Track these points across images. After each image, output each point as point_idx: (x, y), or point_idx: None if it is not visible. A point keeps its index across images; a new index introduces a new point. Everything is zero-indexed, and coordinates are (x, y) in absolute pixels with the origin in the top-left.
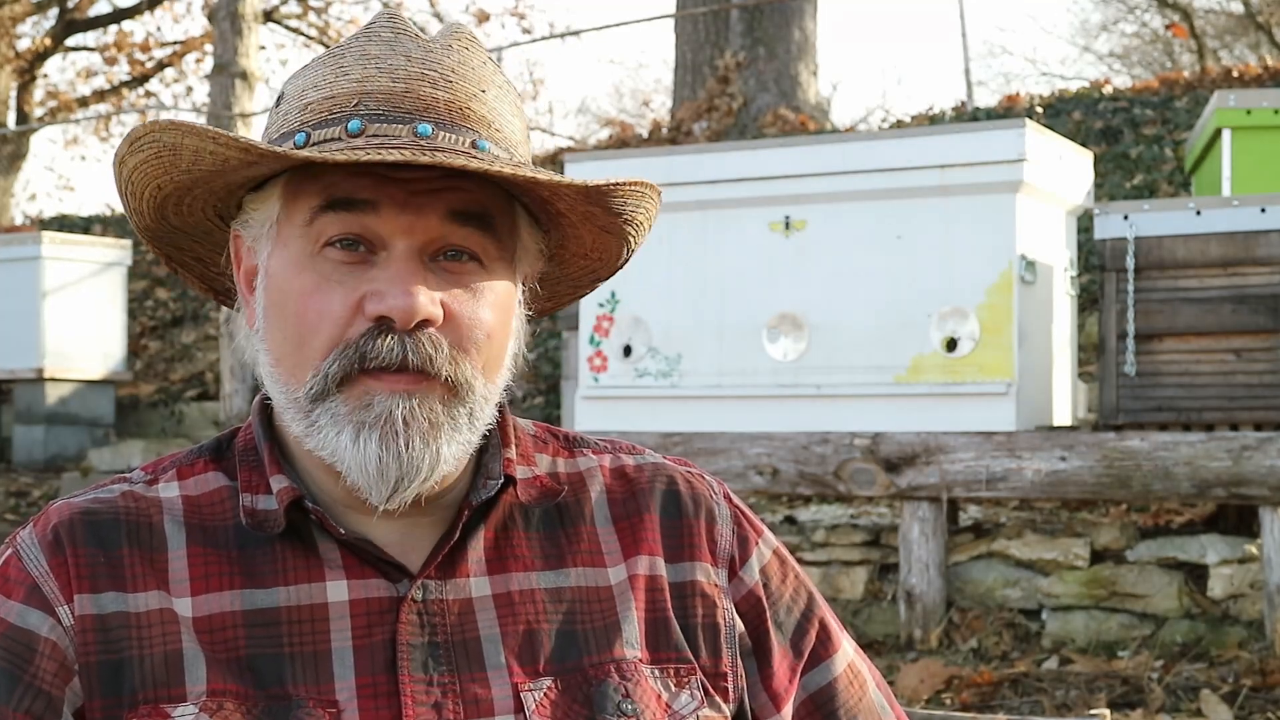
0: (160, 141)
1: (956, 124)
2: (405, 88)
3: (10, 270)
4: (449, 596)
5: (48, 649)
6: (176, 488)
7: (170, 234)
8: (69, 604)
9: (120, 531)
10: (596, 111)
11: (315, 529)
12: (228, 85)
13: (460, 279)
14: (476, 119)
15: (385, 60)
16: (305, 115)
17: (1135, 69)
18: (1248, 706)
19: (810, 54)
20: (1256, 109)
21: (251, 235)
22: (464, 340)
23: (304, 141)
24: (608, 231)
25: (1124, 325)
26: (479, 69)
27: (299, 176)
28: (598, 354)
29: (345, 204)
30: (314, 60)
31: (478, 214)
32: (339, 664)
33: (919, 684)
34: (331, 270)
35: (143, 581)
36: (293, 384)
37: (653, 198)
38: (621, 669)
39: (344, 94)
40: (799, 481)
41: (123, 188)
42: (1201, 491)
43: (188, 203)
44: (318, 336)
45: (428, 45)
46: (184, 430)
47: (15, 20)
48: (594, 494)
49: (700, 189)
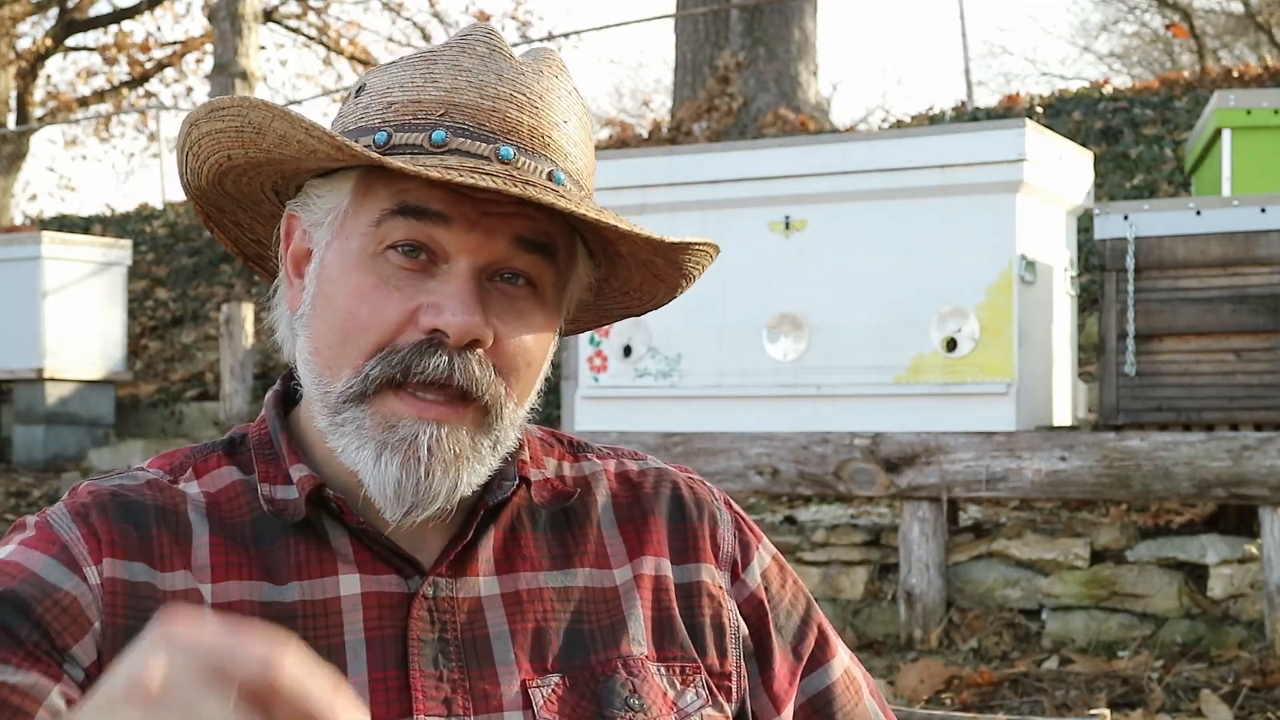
0: (245, 117)
1: (956, 124)
2: (493, 106)
3: (10, 270)
4: (459, 594)
5: (65, 600)
6: (196, 485)
7: (219, 198)
8: (97, 565)
9: (150, 514)
10: (597, 111)
11: (329, 522)
12: (228, 85)
13: (513, 303)
14: (555, 149)
15: (476, 75)
16: (388, 115)
17: (1135, 69)
18: (1248, 706)
19: (810, 54)
20: (1256, 109)
21: (310, 220)
22: (506, 366)
23: (385, 141)
24: (660, 279)
25: (1124, 325)
26: (565, 98)
27: (373, 174)
28: (598, 354)
29: (417, 212)
30: (402, 59)
31: (543, 243)
32: (351, 656)
33: (919, 684)
34: (391, 274)
35: (170, 561)
36: (327, 377)
37: (713, 256)
38: (628, 665)
39: (431, 101)
40: (799, 481)
41: (187, 147)
42: (1201, 491)
43: (249, 176)
44: (365, 337)
45: (520, 67)
46: (184, 430)
47: (15, 20)
48: (600, 498)
49: (700, 189)
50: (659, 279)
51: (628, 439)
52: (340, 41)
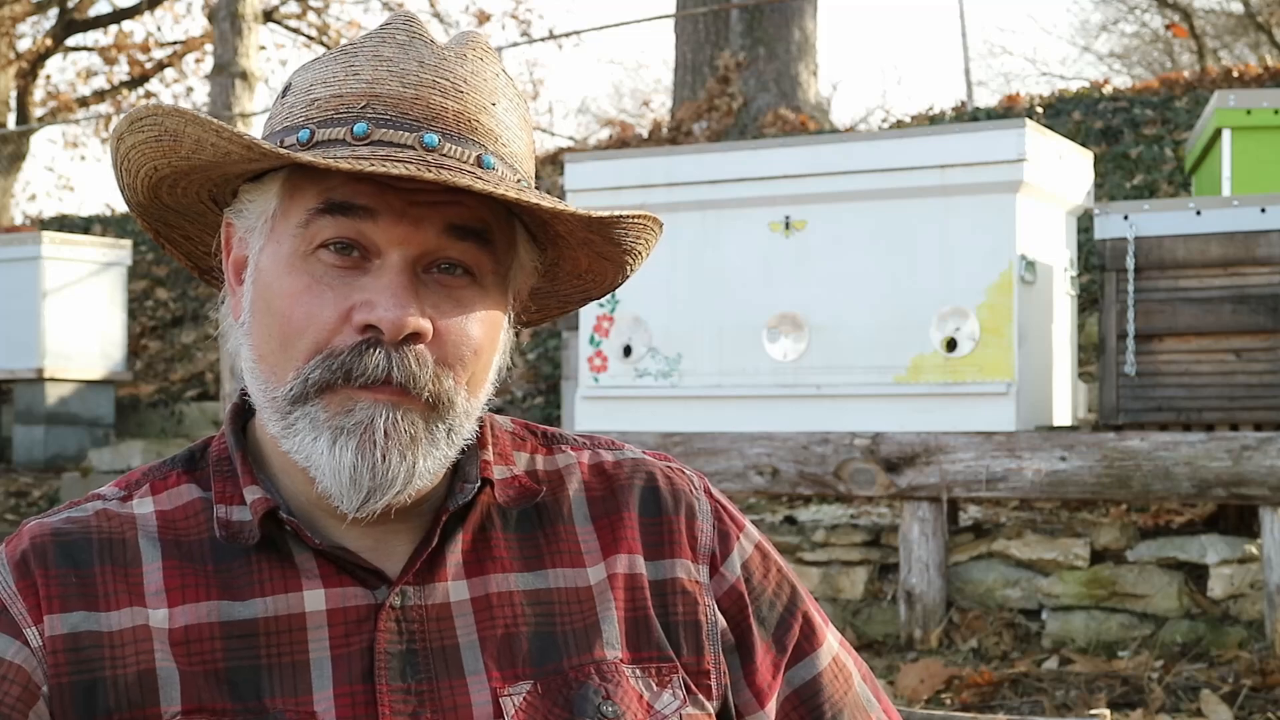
0: (162, 125)
1: (956, 124)
2: (415, 94)
3: (10, 270)
4: (427, 602)
5: (11, 673)
6: (151, 503)
7: (162, 212)
8: (38, 625)
9: (92, 550)
10: (596, 111)
11: (290, 538)
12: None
13: (452, 293)
14: (484, 132)
15: (397, 64)
16: (311, 111)
17: (1135, 69)
18: (1248, 706)
19: (810, 54)
20: (1256, 109)
21: (244, 226)
22: (449, 356)
23: (308, 138)
24: (605, 258)
25: (1124, 325)
26: (491, 80)
27: (299, 175)
28: (598, 354)
29: (343, 208)
30: (325, 55)
31: (476, 229)
32: (317, 674)
33: (919, 684)
34: (323, 273)
35: (115, 599)
36: (273, 382)
37: (654, 229)
38: (602, 670)
39: (352, 94)
40: (799, 481)
41: (118, 163)
42: (1201, 491)
43: (183, 186)
44: (303, 339)
45: (442, 52)
46: (184, 430)
47: (16, 20)
48: (572, 492)
49: (700, 189)
50: (604, 258)
51: (628, 439)
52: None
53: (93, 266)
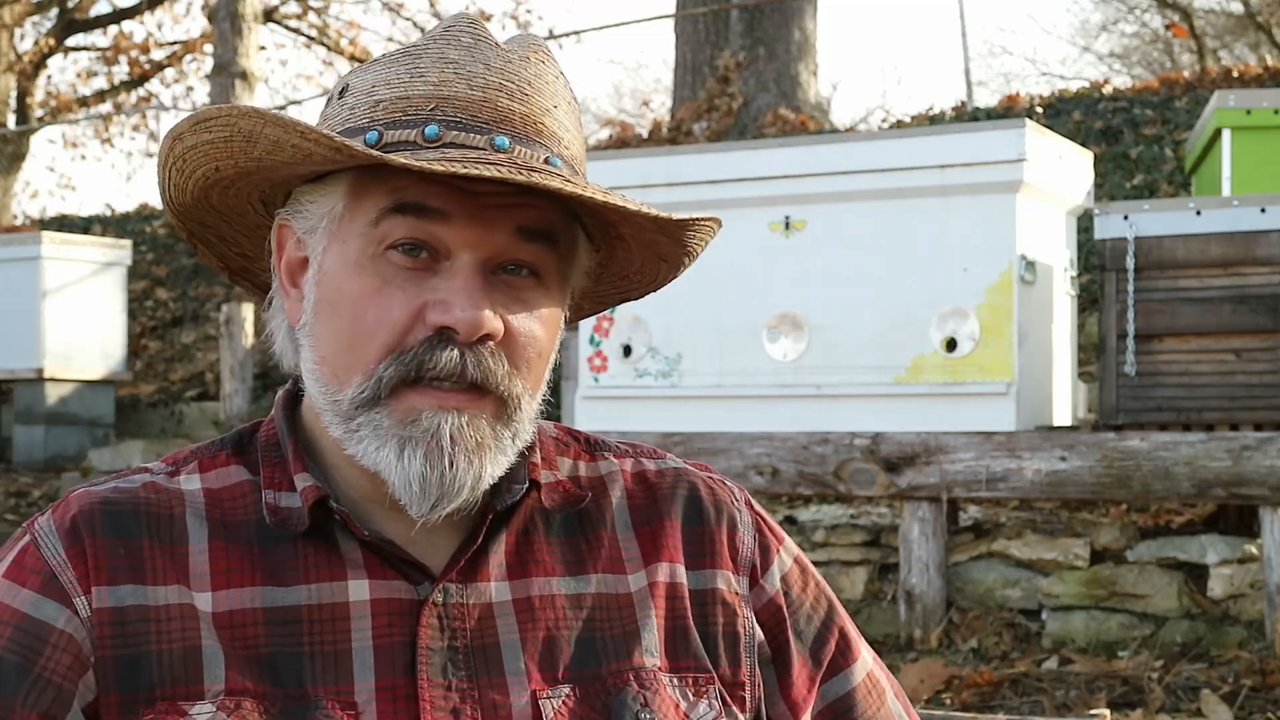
0: (235, 126)
1: (956, 124)
2: (484, 96)
3: (10, 270)
4: (469, 601)
5: (62, 641)
6: (198, 480)
7: (202, 213)
8: (87, 595)
9: (141, 522)
10: (596, 111)
11: (338, 528)
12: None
13: (519, 294)
14: (549, 135)
15: (464, 66)
16: (376, 113)
17: (1135, 69)
18: (1248, 706)
19: (810, 54)
20: (1256, 109)
21: (304, 227)
22: (518, 358)
23: (375, 140)
24: (663, 259)
25: (1124, 325)
26: (553, 83)
27: (367, 176)
28: (598, 354)
29: (416, 209)
30: (384, 56)
31: (544, 231)
32: (359, 664)
33: (919, 684)
34: (393, 274)
35: (163, 574)
36: (335, 385)
37: (716, 230)
38: (640, 677)
39: (420, 96)
40: (799, 481)
41: (170, 162)
42: (1201, 491)
43: (238, 187)
44: (373, 340)
45: (506, 55)
46: (184, 430)
47: (16, 21)
48: (615, 499)
49: (700, 189)
50: (662, 258)
51: (628, 439)
52: (340, 42)
53: (93, 266)
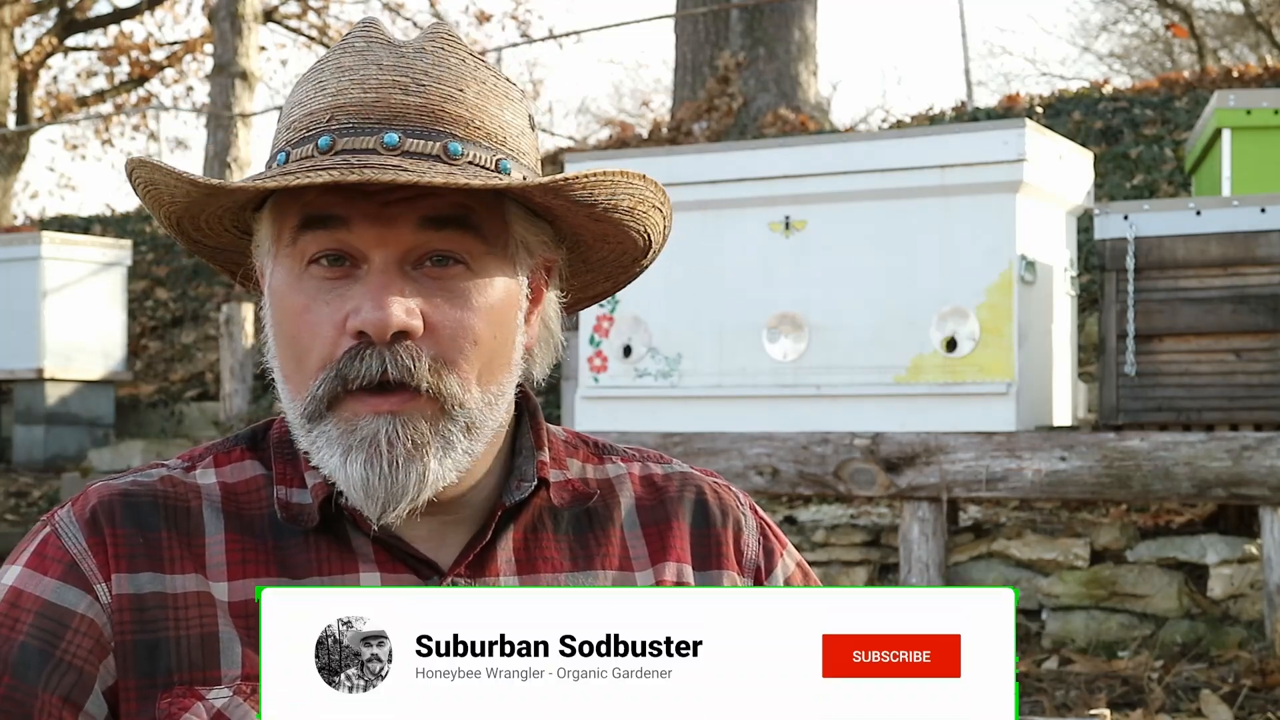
0: (142, 177)
1: (956, 124)
2: (375, 97)
3: (10, 270)
4: None
5: (83, 625)
6: (214, 474)
7: (200, 248)
8: (106, 582)
9: (159, 514)
10: (596, 111)
11: (348, 524)
12: (228, 85)
13: (444, 284)
14: (451, 119)
15: (357, 71)
16: (288, 134)
17: (1135, 69)
18: (1248, 706)
19: (810, 54)
20: (1256, 109)
21: (259, 255)
22: (448, 350)
23: (285, 161)
24: (596, 220)
25: (1124, 325)
26: (456, 67)
27: (283, 197)
28: (598, 354)
29: (321, 221)
30: (302, 75)
31: (455, 217)
32: None
33: None
34: (317, 289)
35: (180, 564)
36: (296, 401)
37: (632, 182)
38: None
39: (320, 109)
40: (799, 481)
41: (150, 206)
42: (1201, 491)
43: (203, 220)
44: (311, 356)
45: (400, 50)
46: (184, 430)
47: (17, 21)
48: (623, 500)
49: (700, 189)
50: (595, 220)
51: (627, 439)
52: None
53: (93, 266)
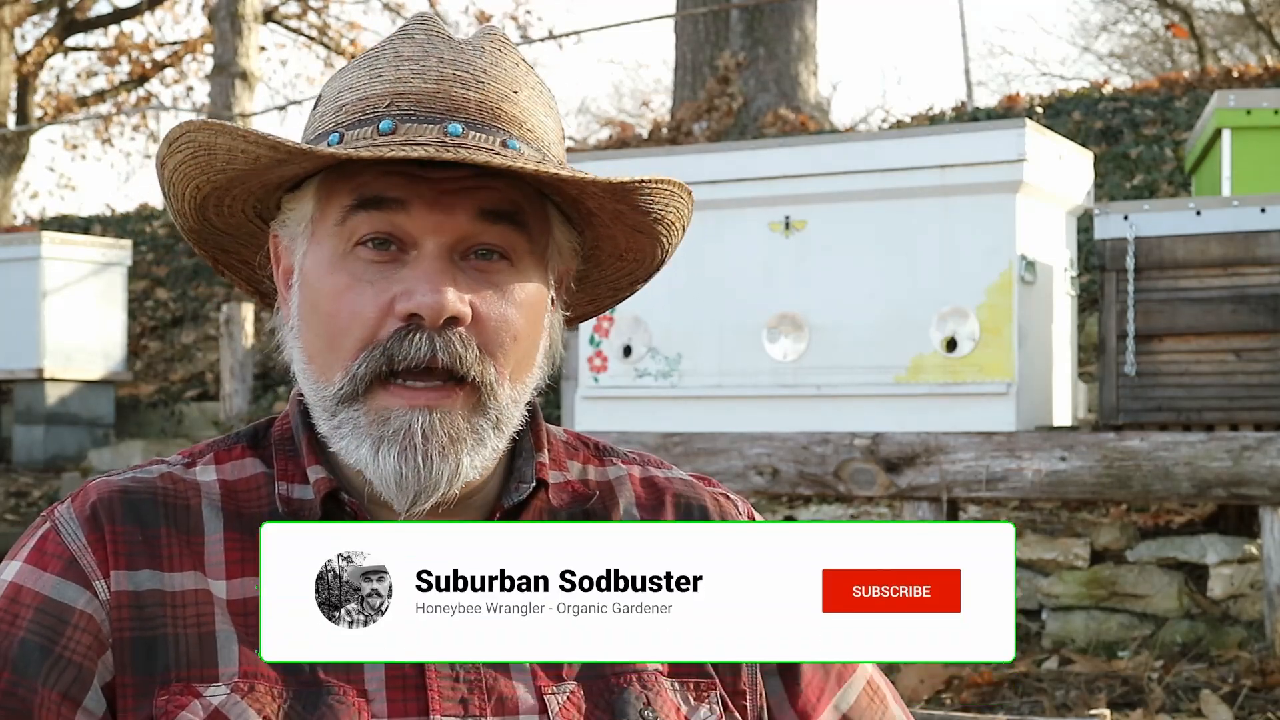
0: (195, 141)
1: (956, 124)
2: (437, 88)
3: (10, 270)
4: None
5: (82, 621)
6: (214, 471)
7: (214, 235)
8: (105, 579)
9: (158, 511)
10: (596, 111)
11: (349, 519)
12: (228, 85)
13: (490, 278)
14: (508, 119)
15: (418, 61)
16: (340, 116)
17: (1135, 69)
18: (1248, 706)
19: (810, 54)
20: (1256, 109)
21: (288, 235)
22: (491, 342)
23: (338, 141)
24: (639, 231)
25: (1124, 325)
26: (511, 70)
27: (333, 176)
28: (598, 354)
29: (376, 202)
30: (350, 64)
31: (508, 212)
32: None
33: (919, 684)
34: (363, 270)
35: (179, 561)
36: (322, 383)
37: (682, 196)
38: (643, 679)
39: (377, 95)
40: (799, 481)
41: (165, 189)
42: (1201, 491)
43: (228, 203)
44: (349, 337)
45: (460, 47)
46: (184, 430)
47: (16, 21)
48: (623, 502)
49: (700, 189)
50: (638, 231)
51: (627, 439)
52: (340, 42)
53: (93, 266)
